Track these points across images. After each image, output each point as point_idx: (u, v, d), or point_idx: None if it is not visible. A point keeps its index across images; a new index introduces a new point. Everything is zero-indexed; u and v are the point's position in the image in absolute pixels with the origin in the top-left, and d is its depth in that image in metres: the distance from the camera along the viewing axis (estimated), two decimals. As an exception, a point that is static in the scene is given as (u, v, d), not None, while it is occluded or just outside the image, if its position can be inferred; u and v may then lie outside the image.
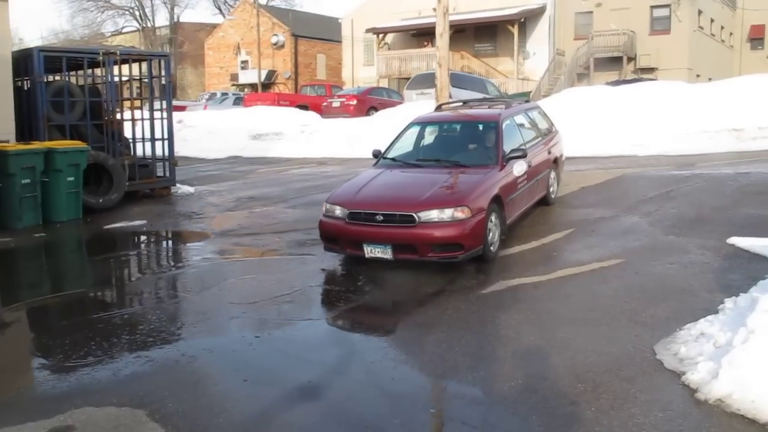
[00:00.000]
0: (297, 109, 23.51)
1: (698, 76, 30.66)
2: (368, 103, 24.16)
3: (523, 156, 7.68)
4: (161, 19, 57.33)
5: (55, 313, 6.28)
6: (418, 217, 6.41)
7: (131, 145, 13.18)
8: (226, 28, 47.58)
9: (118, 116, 13.32)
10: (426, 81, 21.23)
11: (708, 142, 13.88)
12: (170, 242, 9.84)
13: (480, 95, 22.14)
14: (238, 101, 29.50)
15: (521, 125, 8.78)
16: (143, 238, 9.66)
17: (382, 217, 6.55)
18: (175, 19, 54.77)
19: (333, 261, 7.38)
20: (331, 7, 74.74)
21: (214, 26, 51.21)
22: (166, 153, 13.01)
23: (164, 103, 13.18)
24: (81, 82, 13.07)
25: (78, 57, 12.29)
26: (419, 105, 19.73)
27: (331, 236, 7.03)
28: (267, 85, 43.08)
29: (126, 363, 4.71)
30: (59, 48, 13.23)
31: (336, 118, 22.36)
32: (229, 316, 5.74)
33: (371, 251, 6.57)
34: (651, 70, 30.57)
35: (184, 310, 6.13)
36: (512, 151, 7.64)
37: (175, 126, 22.88)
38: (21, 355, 5.29)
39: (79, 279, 7.81)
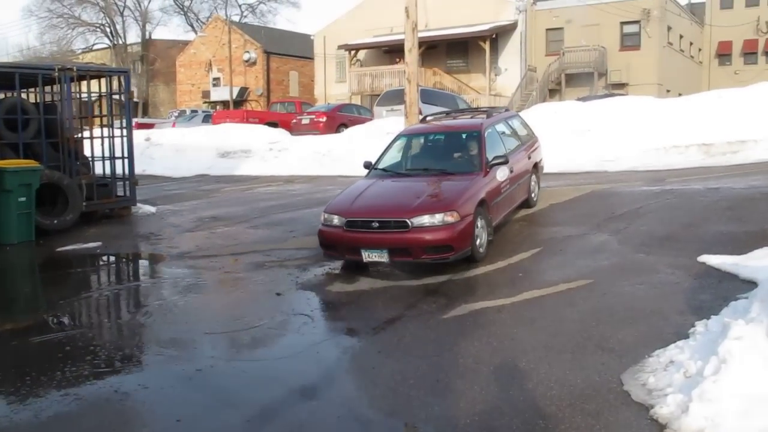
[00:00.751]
0: (266, 127, 23.13)
1: (668, 91, 30.87)
2: (338, 120, 23.84)
3: (505, 162, 8.05)
4: (133, 36, 56.58)
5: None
6: (411, 223, 6.87)
7: (91, 163, 12.72)
8: (197, 45, 47.11)
9: (78, 134, 12.94)
10: (396, 97, 21.01)
11: (678, 157, 13.76)
12: (122, 266, 9.40)
13: (451, 111, 22.00)
14: (208, 119, 29.04)
15: (502, 133, 9.26)
16: (94, 261, 9.21)
17: (377, 224, 7.02)
18: (147, 36, 54.18)
19: (288, 284, 7.04)
20: (304, 24, 74.76)
21: (186, 43, 50.69)
22: (127, 172, 12.58)
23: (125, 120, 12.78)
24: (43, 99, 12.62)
25: (32, 73, 11.85)
26: (389, 121, 19.53)
27: (330, 243, 7.45)
28: (239, 102, 42.64)
29: (51, 402, 4.31)
30: (11, 64, 12.79)
31: (305, 135, 22.02)
32: (171, 347, 5.36)
33: (368, 256, 7.01)
34: (622, 85, 30.72)
35: (124, 340, 5.73)
36: (495, 157, 8.08)
37: (143, 144, 22.80)
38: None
39: (17, 304, 7.35)
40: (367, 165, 8.86)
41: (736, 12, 40.83)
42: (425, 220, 6.89)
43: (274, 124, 24.41)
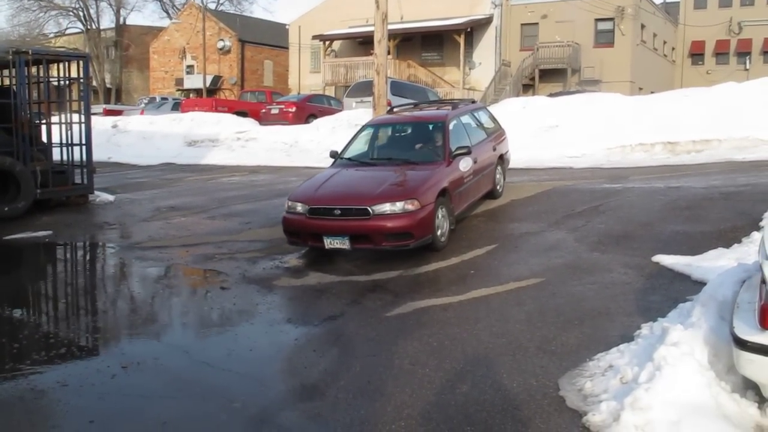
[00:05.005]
0: (234, 116, 22.78)
1: (641, 89, 30.96)
2: (307, 110, 23.55)
3: (468, 153, 8.16)
4: (107, 21, 55.29)
5: None
6: (372, 210, 6.98)
7: (49, 150, 12.35)
8: (171, 31, 46.35)
9: (37, 120, 12.58)
10: (365, 89, 20.77)
11: (643, 155, 13.73)
12: (68, 255, 9.11)
13: (422, 104, 21.84)
14: (177, 106, 28.52)
15: (468, 125, 9.40)
16: (41, 250, 8.92)
17: (339, 212, 7.10)
18: (121, 22, 53.18)
19: (235, 278, 6.83)
20: (280, 13, 74.04)
21: (160, 30, 49.87)
22: (85, 159, 12.25)
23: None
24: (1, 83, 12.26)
25: (-16, 56, 11.45)
26: (357, 113, 19.32)
27: (293, 230, 7.51)
28: (213, 90, 42.06)
29: (-39, 400, 4.08)
30: (-38, 45, 12.39)
31: (275, 125, 21.72)
32: (100, 342, 5.14)
33: (330, 242, 7.09)
34: (595, 82, 30.72)
35: (51, 334, 5.48)
36: (458, 148, 8.18)
37: (110, 131, 22.36)
38: None
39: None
40: (334, 154, 8.98)
41: (710, 12, 41.07)
42: (386, 207, 7.00)
43: (243, 114, 24.06)
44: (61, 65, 12.68)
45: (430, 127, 8.93)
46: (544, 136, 15.06)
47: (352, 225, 7.07)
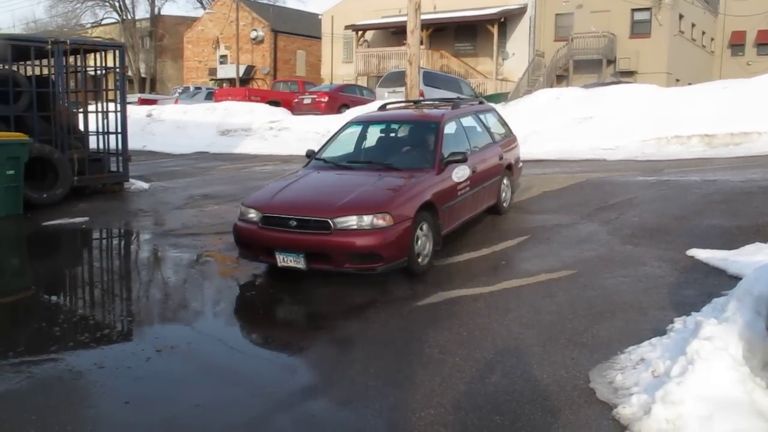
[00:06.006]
0: (267, 105, 22.93)
1: (677, 80, 30.43)
2: (340, 100, 23.62)
3: (463, 160, 7.12)
4: (141, 11, 56.13)
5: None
6: (334, 224, 5.83)
7: (86, 138, 12.59)
8: (205, 21, 46.78)
9: (75, 109, 12.82)
10: (398, 79, 20.74)
11: (679, 147, 13.51)
12: (104, 241, 9.30)
13: (453, 95, 21.72)
14: (211, 96, 28.83)
15: (470, 128, 8.27)
16: (78, 236, 9.11)
17: (295, 223, 5.98)
18: (156, 12, 53.79)
19: (263, 267, 6.90)
20: (313, 3, 74.03)
21: (194, 20, 50.35)
22: (120, 147, 12.46)
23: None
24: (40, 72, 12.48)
25: (25, 46, 11.67)
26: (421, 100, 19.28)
27: (243, 242, 6.48)
28: (246, 80, 42.36)
29: (3, 379, 4.20)
30: (4, 35, 12.62)
31: (307, 115, 21.84)
32: (135, 326, 5.25)
33: (284, 260, 6.00)
34: (631, 73, 30.30)
35: (88, 318, 5.62)
36: (452, 154, 7.08)
37: (144, 120, 22.67)
38: None
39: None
40: (309, 153, 7.89)
41: (751, 1, 40.12)
42: (351, 221, 5.85)
43: (276, 103, 24.22)
44: (97, 55, 12.90)
45: (423, 128, 7.76)
46: (578, 127, 14.89)
47: (308, 240, 5.89)
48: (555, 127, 14.13)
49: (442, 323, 5.07)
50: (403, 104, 9.80)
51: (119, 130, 12.41)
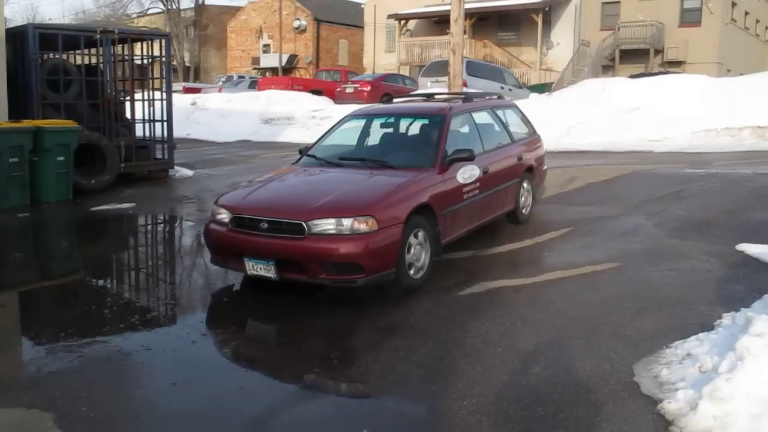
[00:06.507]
0: (309, 94, 23.06)
1: (729, 71, 29.61)
2: (382, 89, 23.60)
3: (470, 158, 6.25)
4: (186, 1, 56.71)
5: None
6: (308, 227, 5.10)
7: (132, 126, 12.84)
8: (248, 11, 47.16)
9: (122, 97, 13.09)
10: (441, 68, 20.63)
11: (730, 139, 13.19)
12: (149, 227, 9.50)
13: (497, 85, 21.53)
14: (254, 85, 29.10)
15: (484, 125, 7.40)
16: (125, 221, 9.32)
17: (266, 225, 5.27)
18: (200, 2, 54.38)
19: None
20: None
21: (237, 9, 50.80)
22: (166, 135, 12.69)
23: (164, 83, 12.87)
24: (89, 61, 12.77)
25: (75, 35, 11.93)
26: (432, 92, 19.19)
27: (213, 246, 5.81)
28: (288, 69, 42.61)
29: (55, 359, 4.33)
30: (55, 25, 12.93)
31: (349, 104, 21.88)
32: (180, 310, 5.36)
33: (253, 267, 5.30)
34: (679, 63, 29.61)
35: (136, 301, 5.76)
36: (456, 151, 6.23)
37: (188, 108, 23.00)
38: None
39: (43, 261, 7.50)
40: (302, 149, 7.20)
41: (809, -12, 38.83)
42: (327, 225, 5.11)
43: (318, 92, 24.35)
44: (144, 44, 13.12)
45: (426, 122, 6.95)
46: (624, 118, 14.64)
47: (279, 245, 5.17)
48: (600, 117, 13.91)
49: (484, 313, 5.05)
50: (420, 98, 8.93)
51: (165, 118, 12.65)
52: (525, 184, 7.81)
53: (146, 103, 12.72)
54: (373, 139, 7.33)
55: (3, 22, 11.24)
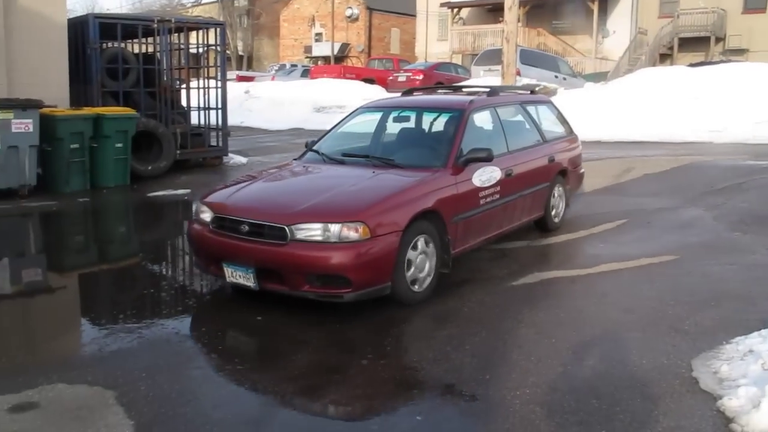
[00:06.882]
0: (361, 83, 23.11)
1: (795, 60, 28.52)
2: (434, 78, 23.51)
3: (487, 158, 5.59)
4: (240, -10, 57.37)
5: (59, 280, 6.25)
6: (291, 232, 4.58)
7: (187, 114, 13.09)
8: (301, 0, 47.48)
9: (178, 85, 13.34)
10: (494, 57, 20.43)
11: (795, 130, 12.72)
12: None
13: (551, 74, 21.22)
14: (306, 73, 29.33)
15: (509, 122, 6.77)
16: (180, 207, 9.52)
17: (247, 228, 4.79)
18: (254, -9, 55.05)
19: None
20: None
21: (290, -2, 51.19)
22: (220, 122, 12.90)
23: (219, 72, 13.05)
24: (146, 50, 13.04)
25: (133, 24, 12.19)
26: (485, 82, 19.05)
27: (194, 247, 5.43)
28: (340, 58, 42.78)
29: (116, 339, 4.45)
30: (114, 15, 13.24)
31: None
32: (235, 294, 5.44)
33: (232, 274, 4.86)
34: (741, 51, 28.60)
35: (193, 285, 5.87)
36: (472, 151, 5.58)
37: (242, 96, 23.30)
38: (14, 323, 5.15)
39: (105, 244, 7.74)
40: (308, 143, 6.61)
41: None
42: (313, 230, 4.58)
43: (370, 81, 24.38)
44: (199, 33, 13.31)
45: (442, 116, 6.26)
46: (682, 108, 14.24)
47: (259, 251, 4.69)
48: (657, 107, 13.57)
49: (538, 304, 5.01)
50: (445, 91, 8.51)
51: (219, 105, 12.84)
52: (557, 189, 7.17)
53: (201, 91, 12.94)
54: (384, 134, 6.64)
55: (65, 11, 11.56)
